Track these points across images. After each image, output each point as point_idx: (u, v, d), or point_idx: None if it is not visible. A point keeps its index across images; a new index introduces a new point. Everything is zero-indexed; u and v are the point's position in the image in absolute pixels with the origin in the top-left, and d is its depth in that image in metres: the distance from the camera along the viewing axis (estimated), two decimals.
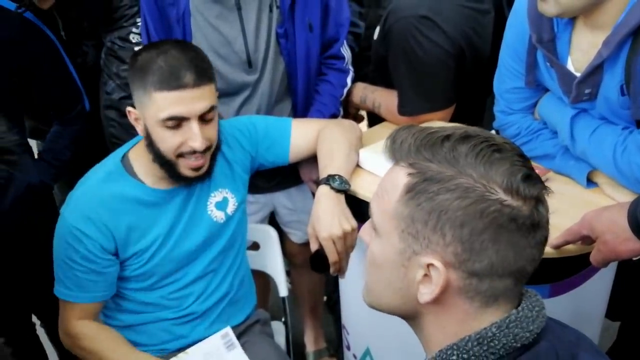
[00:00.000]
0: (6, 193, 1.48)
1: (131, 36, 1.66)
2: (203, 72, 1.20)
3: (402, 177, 0.70)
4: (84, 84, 1.69)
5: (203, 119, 1.21)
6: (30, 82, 1.56)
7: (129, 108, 1.26)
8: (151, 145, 1.24)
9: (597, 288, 1.32)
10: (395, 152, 0.72)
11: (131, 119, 1.27)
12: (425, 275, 0.69)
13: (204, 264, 1.39)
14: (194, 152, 1.22)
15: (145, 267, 1.33)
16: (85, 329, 1.32)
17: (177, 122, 1.19)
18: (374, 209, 0.75)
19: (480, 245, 0.66)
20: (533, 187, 0.67)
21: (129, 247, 1.31)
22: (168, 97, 1.17)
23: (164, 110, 1.17)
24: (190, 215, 1.35)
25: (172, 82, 1.16)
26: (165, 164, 1.25)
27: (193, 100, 1.18)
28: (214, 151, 1.29)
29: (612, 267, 1.35)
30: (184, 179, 1.27)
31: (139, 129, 1.26)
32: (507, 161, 0.67)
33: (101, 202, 1.27)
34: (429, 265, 0.68)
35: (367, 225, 0.78)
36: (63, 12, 1.60)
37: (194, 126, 1.19)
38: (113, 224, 1.27)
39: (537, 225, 0.68)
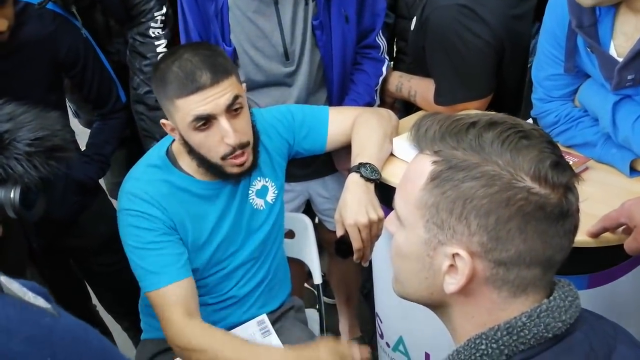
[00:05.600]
0: (55, 187, 1.56)
1: (150, 31, 1.68)
2: (218, 68, 1.19)
3: (426, 165, 0.69)
4: (121, 80, 1.75)
5: (230, 111, 1.22)
6: (67, 75, 1.62)
7: (162, 120, 1.29)
8: (192, 152, 1.26)
9: None
10: (420, 140, 0.71)
11: (167, 130, 1.29)
12: (451, 265, 0.68)
13: (248, 252, 1.42)
14: (233, 150, 1.23)
15: (194, 259, 1.35)
16: (195, 328, 1.23)
17: (205, 121, 1.20)
18: (398, 200, 0.75)
19: (506, 234, 0.65)
20: (562, 174, 0.66)
21: (183, 237, 1.33)
22: (190, 101, 1.18)
23: (189, 114, 1.19)
24: (237, 206, 1.38)
25: (189, 86, 1.17)
26: (212, 167, 1.27)
27: (214, 97, 1.18)
28: (254, 145, 1.30)
29: None
30: (232, 176, 1.29)
31: (177, 138, 1.28)
32: (535, 148, 0.66)
33: (154, 187, 1.30)
34: (454, 255, 0.68)
35: (392, 215, 0.78)
36: (84, 13, 1.65)
37: (224, 122, 1.20)
38: (168, 208, 1.30)
39: (566, 214, 0.67)
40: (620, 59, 1.14)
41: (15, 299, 0.53)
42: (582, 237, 1.05)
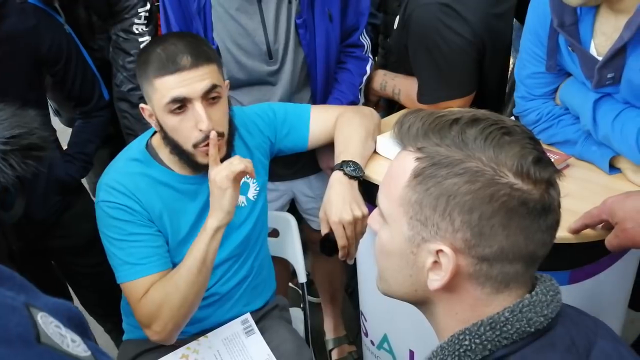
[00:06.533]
0: (36, 187, 1.53)
1: (134, 27, 1.67)
2: (200, 54, 1.21)
3: (410, 162, 0.69)
4: (104, 77, 1.72)
5: (207, 99, 1.22)
6: (49, 72, 1.59)
7: (141, 105, 1.29)
8: (167, 137, 1.26)
9: (620, 276, 1.29)
10: (403, 136, 0.71)
11: (145, 115, 1.29)
12: (435, 262, 0.69)
13: (230, 249, 1.41)
14: (206, 137, 1.22)
15: (174, 254, 1.34)
16: (149, 296, 1.25)
17: (180, 104, 1.20)
18: (381, 197, 0.75)
19: (490, 230, 0.65)
20: (544, 170, 0.66)
21: (163, 231, 1.32)
22: (168, 81, 1.19)
23: (166, 95, 1.19)
24: None
25: (169, 67, 1.18)
26: (183, 153, 1.27)
27: (192, 80, 1.19)
28: (229, 138, 1.30)
29: (636, 254, 1.32)
30: (202, 167, 1.29)
31: (154, 123, 1.28)
32: (517, 144, 0.66)
33: (132, 180, 1.29)
34: (438, 252, 0.68)
35: (375, 213, 0.78)
36: (67, 8, 1.62)
37: (198, 107, 1.20)
38: (146, 201, 1.29)
39: (548, 209, 0.67)
40: (600, 58, 1.15)
41: (52, 350, 0.44)
42: (563, 234, 1.07)
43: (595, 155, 1.27)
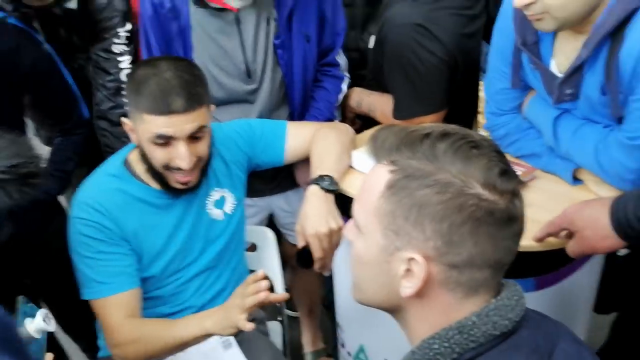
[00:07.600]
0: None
1: (113, 47, 1.68)
2: (194, 97, 1.21)
3: (383, 174, 0.72)
4: (85, 95, 1.73)
5: (192, 137, 1.24)
6: (29, 91, 1.59)
7: (123, 119, 1.30)
8: (144, 156, 1.29)
9: (584, 281, 1.35)
10: (378, 151, 0.74)
11: (126, 129, 1.30)
12: (408, 269, 0.71)
13: (205, 262, 1.43)
14: (180, 169, 1.26)
15: (149, 267, 1.36)
16: (130, 324, 1.28)
17: (165, 140, 1.22)
18: (356, 208, 0.77)
19: (459, 238, 0.68)
20: (509, 181, 0.70)
21: (137, 246, 1.34)
22: (157, 120, 1.20)
23: (152, 131, 1.21)
24: (194, 216, 1.40)
25: (161, 108, 1.19)
26: (156, 174, 1.30)
27: (182, 123, 1.20)
28: (204, 165, 1.33)
29: (599, 260, 1.38)
30: (174, 190, 1.32)
31: (133, 138, 1.30)
32: (484, 157, 0.69)
33: (107, 197, 1.31)
34: (410, 260, 0.70)
35: (350, 223, 0.80)
36: (47, 28, 1.63)
37: (181, 146, 1.22)
38: (121, 218, 1.31)
39: (513, 218, 0.71)
40: (561, 75, 1.21)
41: None
42: (528, 242, 1.11)
43: (559, 168, 1.32)
